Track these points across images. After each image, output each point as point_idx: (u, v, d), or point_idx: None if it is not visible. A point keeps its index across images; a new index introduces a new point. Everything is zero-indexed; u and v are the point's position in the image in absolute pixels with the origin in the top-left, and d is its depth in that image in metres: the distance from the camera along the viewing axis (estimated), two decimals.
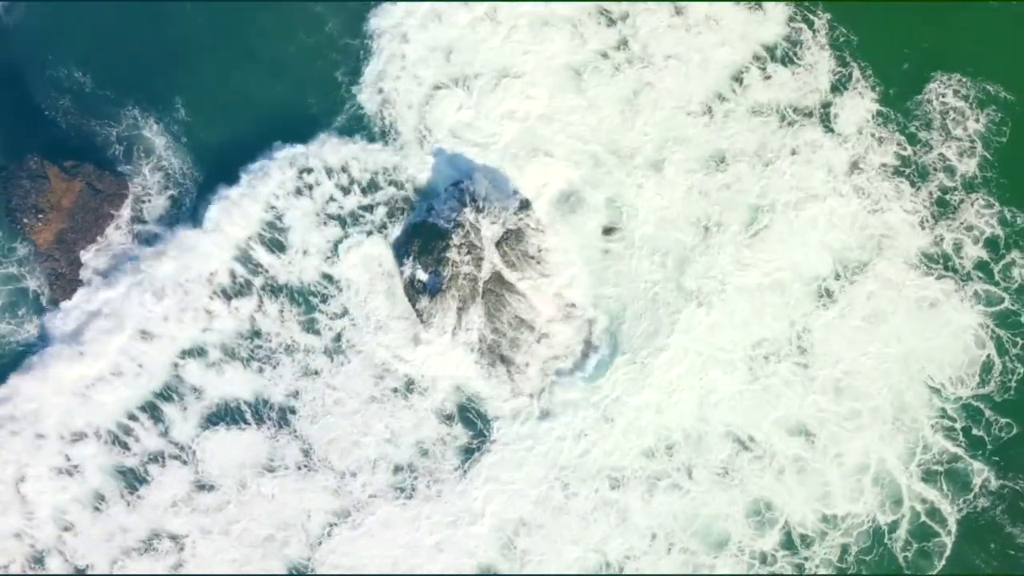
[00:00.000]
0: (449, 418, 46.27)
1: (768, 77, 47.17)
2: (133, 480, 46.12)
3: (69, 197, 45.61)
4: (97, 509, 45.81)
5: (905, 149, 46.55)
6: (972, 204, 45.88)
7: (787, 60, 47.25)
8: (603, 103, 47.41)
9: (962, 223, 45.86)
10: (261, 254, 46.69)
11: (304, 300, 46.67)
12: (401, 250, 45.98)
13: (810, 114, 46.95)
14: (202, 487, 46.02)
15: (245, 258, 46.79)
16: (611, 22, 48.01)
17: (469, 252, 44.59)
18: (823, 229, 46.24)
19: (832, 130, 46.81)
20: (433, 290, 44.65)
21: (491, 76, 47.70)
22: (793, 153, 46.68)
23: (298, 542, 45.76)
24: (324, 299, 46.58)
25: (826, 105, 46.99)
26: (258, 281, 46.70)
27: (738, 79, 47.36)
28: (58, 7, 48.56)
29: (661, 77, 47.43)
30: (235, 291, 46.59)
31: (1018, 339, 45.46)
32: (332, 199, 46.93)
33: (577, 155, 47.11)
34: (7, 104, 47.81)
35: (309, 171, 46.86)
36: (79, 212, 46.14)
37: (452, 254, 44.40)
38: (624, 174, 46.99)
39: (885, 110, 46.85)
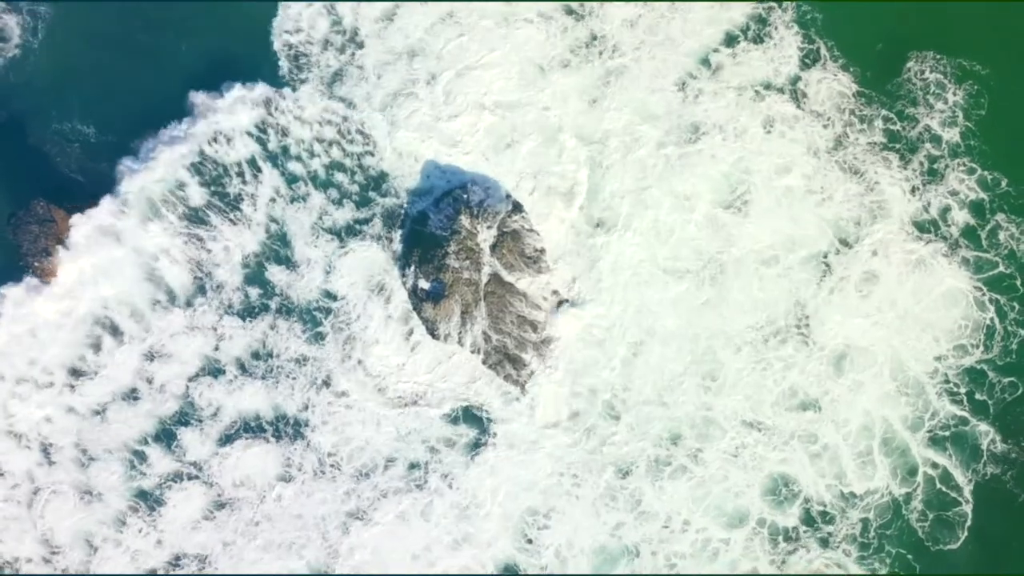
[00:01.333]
0: (456, 418, 46.97)
1: (736, 57, 47.78)
2: (153, 500, 46.97)
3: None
4: (119, 531, 46.69)
5: (895, 124, 47.14)
6: (954, 170, 46.56)
7: (757, 39, 47.92)
8: (574, 94, 48.05)
9: (948, 189, 46.48)
10: (274, 272, 47.63)
11: (309, 314, 47.49)
12: (402, 261, 46.78)
13: (781, 90, 47.54)
14: (222, 503, 46.82)
15: (256, 277, 47.83)
16: (579, 17, 48.62)
17: (468, 258, 45.39)
18: (812, 202, 46.78)
19: (802, 106, 47.29)
20: (436, 297, 45.38)
21: (458, 77, 48.30)
22: (767, 126, 47.25)
23: (317, 545, 46.51)
24: (327, 312, 47.39)
25: (794, 81, 47.60)
26: (267, 298, 47.67)
27: (706, 61, 47.95)
28: (60, 66, 49.83)
29: (632, 62, 48.00)
30: (246, 310, 47.65)
31: (1015, 303, 45.94)
32: (327, 213, 47.67)
33: (555, 148, 47.79)
34: (14, 156, 48.85)
35: (296, 180, 47.77)
36: None
37: (451, 261, 45.17)
38: (602, 158, 47.63)
39: (867, 91, 47.43)
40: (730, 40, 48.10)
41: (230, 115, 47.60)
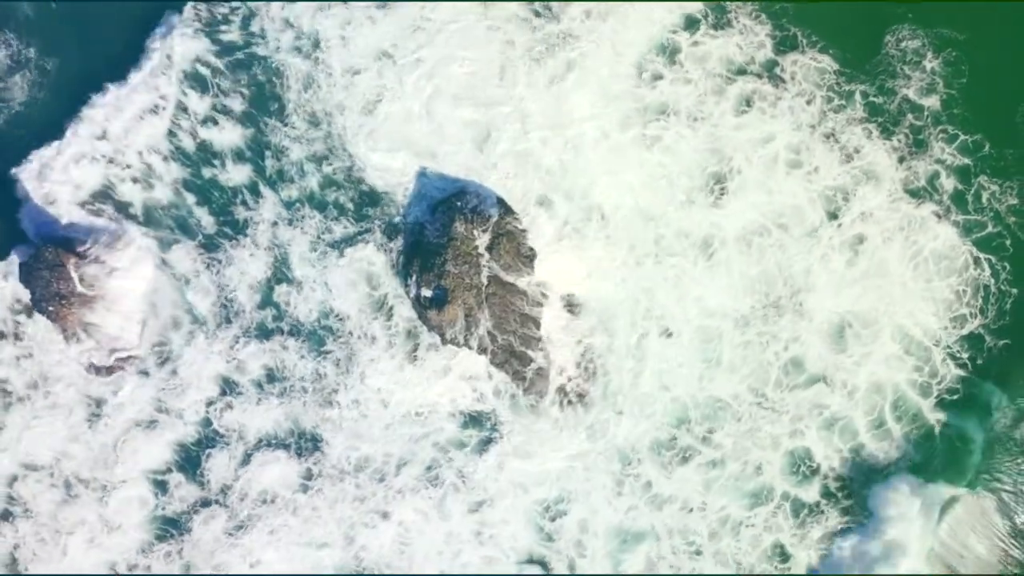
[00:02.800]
0: (465, 421, 48.06)
1: (696, 39, 47.89)
2: (179, 527, 48.55)
3: (86, 280, 47.44)
4: (146, 557, 48.40)
5: (877, 98, 47.31)
6: (936, 138, 46.86)
7: (717, 26, 48.03)
8: (547, 89, 48.38)
9: (934, 157, 46.80)
10: (281, 293, 48.81)
11: (316, 332, 48.62)
12: (403, 272, 47.78)
13: (759, 75, 47.72)
14: (244, 520, 48.19)
15: (265, 299, 49.02)
16: (548, 18, 48.70)
17: (466, 262, 46.21)
18: (798, 176, 47.07)
19: (780, 87, 47.51)
20: (440, 303, 46.25)
21: (432, 82, 48.59)
22: (744, 105, 47.50)
23: (340, 545, 47.80)
24: (333, 330, 48.49)
25: (771, 66, 47.70)
26: (277, 319, 48.90)
27: (663, 48, 48.18)
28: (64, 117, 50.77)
29: (592, 50, 48.17)
30: (260, 332, 48.91)
31: (1005, 263, 46.29)
32: (327, 231, 48.62)
33: (536, 145, 48.26)
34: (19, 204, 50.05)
35: (294, 202, 48.79)
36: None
37: (450, 267, 46.02)
38: (579, 148, 48.00)
39: (847, 70, 47.51)
40: (690, 23, 48.19)
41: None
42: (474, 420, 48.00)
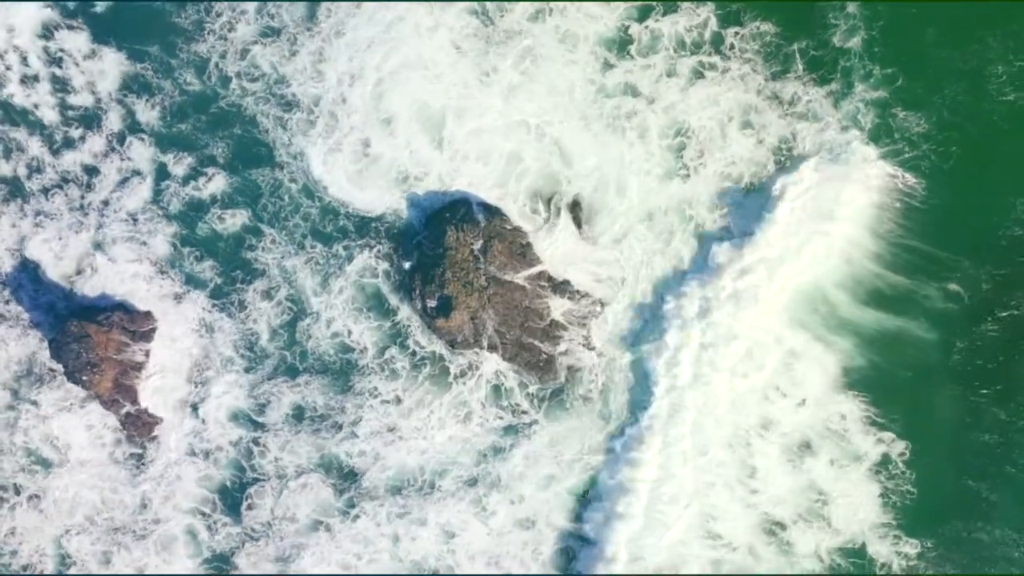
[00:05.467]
0: (492, 427, 50.56)
1: (646, 28, 48.99)
2: (227, 557, 51.78)
3: (112, 345, 49.92)
4: None
5: (816, 51, 48.53)
6: (858, 75, 48.31)
7: (666, 12, 49.25)
8: (507, 89, 49.55)
9: (856, 97, 48.30)
10: (302, 327, 51.15)
11: (336, 364, 51.14)
12: (407, 289, 49.96)
13: (708, 53, 48.94)
14: (289, 552, 51.37)
15: (284, 337, 51.40)
16: (488, 22, 49.85)
17: (464, 268, 48.28)
18: (748, 135, 48.77)
19: (727, 57, 48.79)
20: (446, 312, 48.33)
21: (391, 96, 49.69)
22: (694, 79, 48.84)
23: (390, 558, 50.85)
24: (351, 362, 51.08)
25: (717, 41, 49.06)
26: (302, 356, 51.36)
27: (613, 42, 49.28)
28: None
29: (543, 47, 49.34)
30: (287, 369, 51.51)
31: (921, 179, 47.87)
32: (336, 255, 50.70)
33: (508, 144, 49.58)
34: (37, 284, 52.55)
35: (295, 238, 50.78)
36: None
37: (450, 275, 48.13)
38: (550, 140, 49.32)
39: (789, 33, 48.73)
40: (643, 13, 49.26)
41: None
42: (510, 429, 50.57)
